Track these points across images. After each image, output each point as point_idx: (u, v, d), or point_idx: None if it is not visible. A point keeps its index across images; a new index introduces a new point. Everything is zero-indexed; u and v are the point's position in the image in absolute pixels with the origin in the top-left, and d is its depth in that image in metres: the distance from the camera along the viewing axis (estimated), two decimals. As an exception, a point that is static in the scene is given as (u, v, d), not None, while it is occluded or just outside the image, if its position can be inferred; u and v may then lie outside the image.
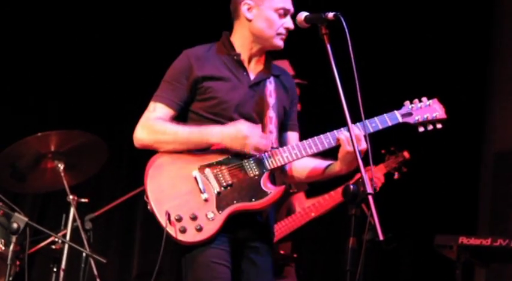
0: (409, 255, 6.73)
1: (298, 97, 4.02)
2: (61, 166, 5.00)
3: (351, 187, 3.21)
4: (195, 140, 3.67)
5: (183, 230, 3.58)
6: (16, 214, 4.06)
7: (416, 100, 3.78)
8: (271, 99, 3.81)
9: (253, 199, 3.65)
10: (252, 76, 3.83)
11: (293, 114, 3.94)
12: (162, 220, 3.58)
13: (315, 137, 3.71)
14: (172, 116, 3.75)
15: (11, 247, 4.28)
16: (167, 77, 3.80)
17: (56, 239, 5.07)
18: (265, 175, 3.67)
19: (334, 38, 3.44)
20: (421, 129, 3.78)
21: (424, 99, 3.78)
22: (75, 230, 5.01)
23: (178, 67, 3.79)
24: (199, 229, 3.58)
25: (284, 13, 3.77)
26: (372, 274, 6.33)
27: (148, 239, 6.47)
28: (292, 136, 3.91)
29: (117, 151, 6.30)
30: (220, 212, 3.61)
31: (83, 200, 5.15)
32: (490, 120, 6.82)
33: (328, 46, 3.42)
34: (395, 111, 3.75)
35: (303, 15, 3.62)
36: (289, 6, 3.79)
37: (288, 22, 3.77)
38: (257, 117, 3.77)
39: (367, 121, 3.64)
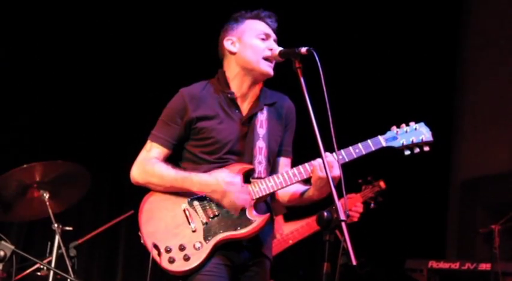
0: (381, 279, 6.78)
1: (294, 120, 4.04)
2: (46, 195, 5.07)
3: (325, 213, 3.26)
4: (178, 186, 3.80)
5: (172, 261, 3.72)
6: (3, 242, 4.14)
7: (403, 125, 3.87)
8: (262, 130, 3.90)
9: (239, 228, 3.75)
10: (245, 112, 3.92)
11: (286, 139, 4.02)
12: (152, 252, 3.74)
13: (299, 166, 3.80)
14: (167, 155, 3.90)
15: (-2, 274, 4.27)
16: (163, 116, 3.91)
17: (42, 266, 5.15)
18: (251, 204, 3.77)
19: (308, 71, 3.53)
20: (407, 152, 3.84)
21: (411, 123, 3.88)
22: (59, 257, 5.07)
23: (174, 107, 3.90)
24: (187, 259, 3.72)
25: (266, 37, 3.87)
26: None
27: (130, 266, 6.53)
28: (284, 162, 4.00)
29: (99, 179, 6.31)
30: (207, 242, 3.74)
31: (67, 228, 5.22)
32: (456, 151, 6.96)
33: (302, 79, 3.51)
34: (379, 136, 3.82)
35: (277, 50, 3.74)
36: (269, 31, 3.89)
37: (271, 44, 3.85)
38: (248, 151, 3.87)
39: (351, 148, 3.77)
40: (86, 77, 6.77)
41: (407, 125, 3.87)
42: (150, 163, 3.86)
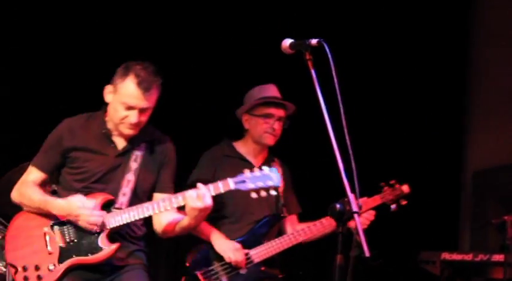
0: (394, 271, 6.80)
1: (172, 160, 4.38)
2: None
3: (337, 205, 3.28)
4: (43, 209, 4.20)
5: (26, 279, 4.10)
6: None
7: (255, 168, 4.03)
8: (135, 164, 4.26)
9: (89, 254, 4.11)
10: (121, 146, 4.27)
11: (164, 176, 4.36)
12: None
13: (160, 199, 4.15)
14: (45, 179, 4.31)
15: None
16: (45, 143, 4.32)
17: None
18: (105, 233, 4.11)
19: (319, 63, 3.52)
20: (254, 195, 4.02)
21: (264, 167, 4.02)
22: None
23: (53, 136, 4.29)
24: (40, 278, 4.09)
25: (128, 107, 4.13)
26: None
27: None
28: (159, 197, 4.29)
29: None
30: (60, 264, 4.10)
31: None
32: (467, 142, 6.95)
33: (312, 71, 3.50)
34: (229, 179, 4.05)
35: (287, 41, 3.69)
36: (134, 103, 4.12)
37: (130, 116, 4.14)
38: (115, 183, 4.22)
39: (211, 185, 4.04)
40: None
41: (260, 168, 4.03)
42: (25, 186, 4.28)
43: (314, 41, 3.56)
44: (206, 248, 4.96)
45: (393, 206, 5.14)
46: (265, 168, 4.01)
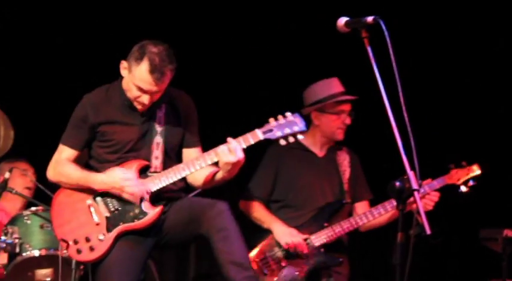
0: (455, 248, 6.82)
1: (194, 113, 4.45)
2: None
3: (397, 183, 3.28)
4: (82, 184, 4.29)
5: (79, 251, 4.23)
6: None
7: (280, 116, 4.10)
8: (160, 127, 4.33)
9: (135, 220, 4.21)
10: (144, 113, 4.31)
11: (189, 132, 4.42)
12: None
13: (197, 157, 4.23)
14: (77, 155, 4.37)
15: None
16: (71, 121, 4.36)
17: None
18: (147, 196, 4.21)
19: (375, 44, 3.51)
20: (283, 142, 4.13)
21: (287, 114, 4.10)
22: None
23: (78, 113, 4.34)
24: (92, 249, 4.21)
25: (140, 90, 4.18)
26: (420, 268, 6.39)
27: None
28: (189, 152, 4.41)
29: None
30: (109, 233, 4.21)
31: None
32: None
33: (369, 49, 3.50)
34: (257, 130, 4.12)
35: (343, 20, 3.66)
36: (147, 88, 4.16)
37: (142, 98, 4.21)
38: (146, 148, 4.30)
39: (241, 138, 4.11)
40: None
41: (284, 116, 4.11)
42: (60, 164, 4.34)
43: (370, 19, 3.53)
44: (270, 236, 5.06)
45: (463, 188, 5.09)
46: (288, 114, 4.13)
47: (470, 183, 5.10)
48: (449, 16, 6.73)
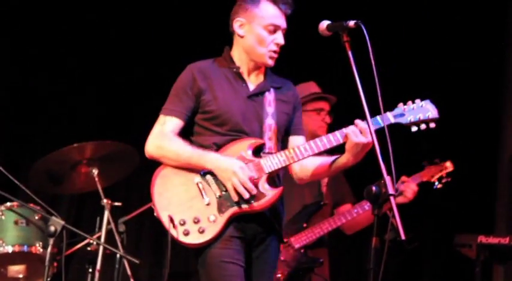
0: (429, 254, 6.82)
1: (300, 103, 4.15)
2: (95, 172, 5.28)
3: (373, 188, 3.25)
4: (193, 163, 3.81)
5: (187, 233, 3.75)
6: (53, 218, 4.19)
7: (409, 102, 3.87)
8: (270, 109, 3.95)
9: (252, 201, 3.77)
10: (252, 87, 3.98)
11: (296, 119, 4.08)
12: (167, 224, 3.77)
13: (317, 139, 3.84)
14: (182, 127, 3.92)
15: (49, 249, 4.30)
16: (173, 90, 3.96)
17: (91, 241, 5.28)
18: (264, 177, 3.80)
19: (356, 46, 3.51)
20: (414, 129, 3.85)
21: (417, 101, 3.88)
22: (109, 232, 5.19)
23: (183, 80, 3.94)
24: (202, 231, 3.75)
25: (274, 29, 3.91)
26: (394, 273, 6.41)
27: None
28: (296, 139, 4.05)
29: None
30: (221, 214, 3.76)
31: (116, 203, 5.37)
32: (504, 124, 6.86)
33: (350, 53, 3.50)
34: (388, 113, 3.82)
35: (324, 23, 3.67)
36: (279, 22, 3.92)
37: (279, 38, 3.91)
38: (257, 125, 3.92)
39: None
40: (133, 63, 6.90)
41: (413, 102, 3.87)
42: (166, 138, 3.88)
43: (352, 23, 3.53)
44: None
45: (437, 185, 5.17)
46: (417, 101, 3.89)
47: (444, 180, 5.19)
48: (427, 20, 6.80)
